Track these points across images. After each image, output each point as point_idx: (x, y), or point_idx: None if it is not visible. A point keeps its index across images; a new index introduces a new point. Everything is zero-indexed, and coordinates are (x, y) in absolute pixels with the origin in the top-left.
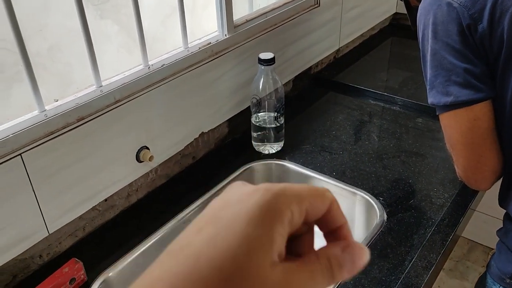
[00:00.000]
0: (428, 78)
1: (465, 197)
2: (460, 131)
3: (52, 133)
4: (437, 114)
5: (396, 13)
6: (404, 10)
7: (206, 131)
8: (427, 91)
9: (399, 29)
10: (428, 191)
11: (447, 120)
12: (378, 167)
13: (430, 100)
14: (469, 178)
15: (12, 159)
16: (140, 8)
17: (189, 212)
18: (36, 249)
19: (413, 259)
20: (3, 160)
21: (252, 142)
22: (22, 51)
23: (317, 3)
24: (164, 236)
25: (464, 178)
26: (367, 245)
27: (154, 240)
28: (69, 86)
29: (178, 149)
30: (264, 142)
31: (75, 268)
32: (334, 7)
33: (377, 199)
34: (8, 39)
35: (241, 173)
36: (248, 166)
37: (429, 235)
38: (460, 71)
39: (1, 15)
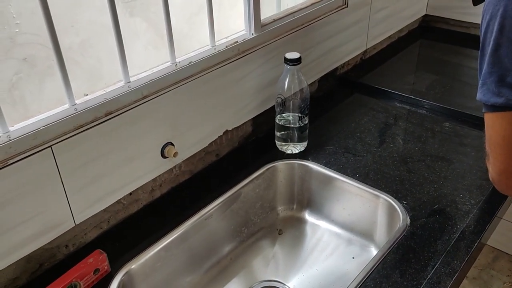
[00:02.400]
0: (482, 73)
1: (492, 205)
2: (503, 134)
3: (81, 126)
4: (482, 111)
5: (426, 15)
6: (434, 12)
7: (230, 129)
8: (479, 86)
9: (429, 32)
10: (453, 197)
11: (491, 121)
12: (402, 170)
13: (479, 96)
14: (501, 183)
15: (43, 151)
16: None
17: (211, 209)
18: (62, 239)
19: (436, 265)
20: (34, 152)
21: (276, 141)
22: (55, 46)
23: (345, 4)
24: (185, 232)
25: (496, 181)
26: (389, 248)
27: (176, 235)
28: (98, 81)
29: (202, 146)
30: (287, 142)
31: (99, 259)
32: (362, 8)
33: (400, 202)
34: (41, 34)
35: (263, 172)
36: (271, 165)
37: (453, 242)
38: None
39: (36, 11)
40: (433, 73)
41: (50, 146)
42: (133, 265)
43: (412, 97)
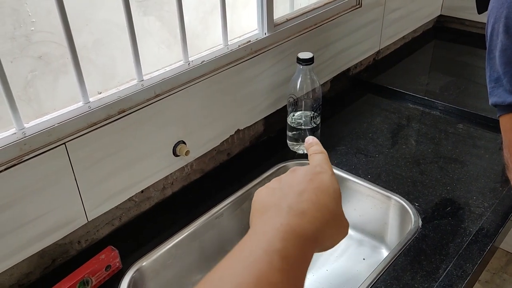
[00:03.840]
0: (492, 77)
1: (505, 208)
2: None
3: (94, 124)
4: (497, 116)
5: (440, 16)
6: (449, 13)
7: (242, 128)
8: (490, 91)
9: (443, 32)
10: (466, 199)
11: (509, 123)
12: (414, 172)
13: (493, 100)
14: None
15: (57, 148)
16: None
17: (221, 208)
18: (75, 235)
19: (448, 268)
20: (49, 148)
21: (287, 141)
22: (70, 45)
23: (358, 4)
24: (196, 230)
25: None
26: (400, 250)
27: (186, 233)
28: (111, 79)
29: (214, 145)
30: (299, 141)
31: (111, 256)
32: (376, 8)
33: (412, 204)
34: (56, 33)
35: (274, 171)
36: (282, 165)
37: (465, 244)
38: None
39: (51, 9)
40: (447, 74)
41: (64, 143)
42: (144, 262)
43: (425, 98)
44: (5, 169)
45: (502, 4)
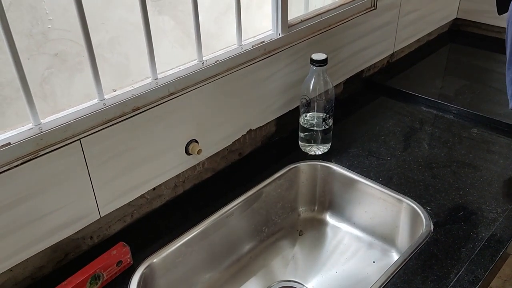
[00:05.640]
0: None
1: None
2: None
3: (109, 121)
4: None
5: (456, 19)
6: (466, 16)
7: (254, 128)
8: (510, 94)
9: (459, 36)
10: (479, 204)
11: None
12: (427, 175)
13: None
14: None
15: (72, 144)
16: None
17: (232, 207)
18: (87, 231)
19: (459, 273)
20: (64, 144)
21: (299, 142)
22: (87, 43)
23: (374, 6)
24: (206, 229)
25: None
26: (411, 254)
27: (197, 231)
28: (125, 78)
29: (226, 145)
30: (311, 143)
31: (122, 252)
32: (391, 10)
33: (424, 208)
34: (72, 30)
35: (285, 172)
36: (293, 166)
37: (477, 250)
38: None
39: (68, 7)
40: (462, 77)
41: (79, 139)
42: (155, 259)
43: (439, 101)
44: (22, 163)
45: None
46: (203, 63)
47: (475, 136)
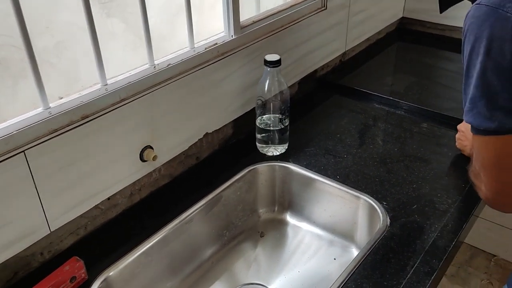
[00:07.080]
0: (469, 97)
1: (468, 204)
2: (499, 155)
3: (55, 130)
4: (472, 132)
5: (403, 18)
6: (411, 15)
7: (211, 131)
8: (465, 109)
9: (406, 34)
10: (431, 197)
11: (484, 143)
12: (382, 171)
13: (469, 119)
14: (497, 201)
15: (16, 156)
16: (146, 6)
17: (192, 212)
18: (37, 247)
19: (415, 265)
20: (7, 157)
21: (257, 143)
22: (27, 48)
23: (324, 6)
24: (166, 236)
25: (492, 200)
26: (369, 249)
27: (156, 240)
28: (74, 83)
29: (182, 149)
30: (268, 144)
31: (76, 267)
32: (341, 10)
33: (380, 203)
34: (15, 36)
35: (244, 174)
36: (251, 168)
37: (431, 241)
38: (508, 97)
39: (10, 12)
40: (410, 74)
41: (23, 151)
42: (111, 271)
43: (390, 98)
44: None
45: (483, 22)
46: (154, 67)
47: (425, 131)
